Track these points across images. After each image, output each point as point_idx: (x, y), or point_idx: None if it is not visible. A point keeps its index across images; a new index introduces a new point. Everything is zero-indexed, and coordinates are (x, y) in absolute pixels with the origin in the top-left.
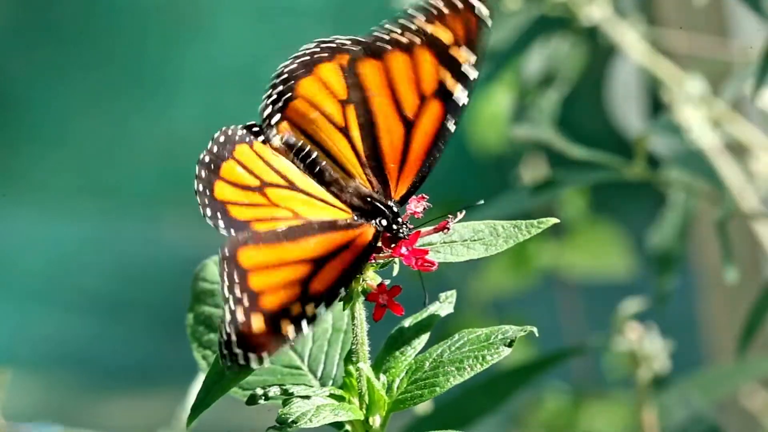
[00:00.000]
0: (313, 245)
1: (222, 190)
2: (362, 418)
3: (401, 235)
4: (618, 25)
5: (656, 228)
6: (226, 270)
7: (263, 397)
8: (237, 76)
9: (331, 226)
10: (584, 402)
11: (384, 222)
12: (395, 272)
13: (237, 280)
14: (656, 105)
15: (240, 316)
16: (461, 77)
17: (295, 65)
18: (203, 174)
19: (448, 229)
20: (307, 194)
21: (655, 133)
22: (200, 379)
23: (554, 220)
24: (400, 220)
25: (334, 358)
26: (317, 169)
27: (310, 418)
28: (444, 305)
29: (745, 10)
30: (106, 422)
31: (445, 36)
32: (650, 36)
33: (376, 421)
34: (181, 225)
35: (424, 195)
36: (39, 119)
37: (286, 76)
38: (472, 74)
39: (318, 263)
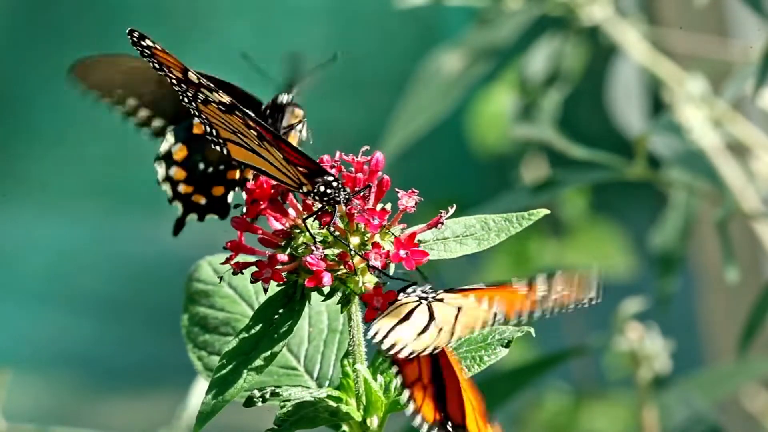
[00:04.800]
0: None
1: None
2: (360, 419)
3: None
4: (619, 25)
5: (658, 228)
6: None
7: (260, 399)
8: (236, 77)
9: None
10: (585, 402)
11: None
12: (392, 271)
13: None
14: (657, 105)
15: None
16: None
17: None
18: None
19: (442, 224)
20: None
21: (656, 133)
22: (200, 379)
23: (545, 211)
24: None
25: (330, 358)
26: None
27: (308, 419)
28: None
29: (745, 10)
30: (106, 422)
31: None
32: (651, 36)
33: (373, 422)
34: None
35: (414, 189)
36: (40, 119)
37: None
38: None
39: None
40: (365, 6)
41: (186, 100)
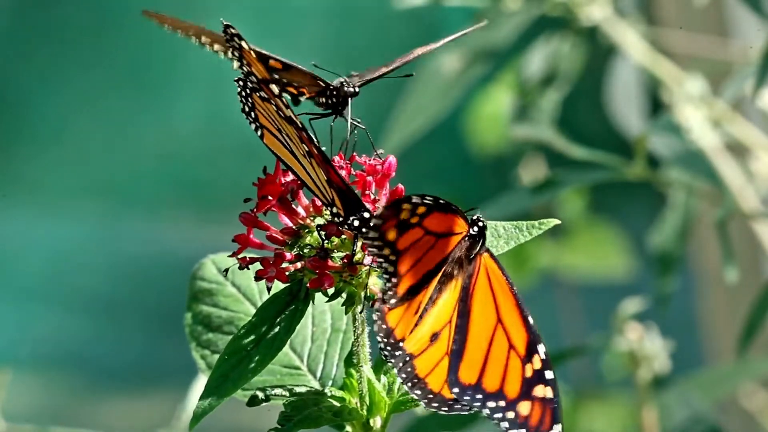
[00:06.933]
0: None
1: None
2: (363, 419)
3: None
4: (618, 25)
5: (657, 228)
6: None
7: (264, 399)
8: (237, 77)
9: None
10: (584, 402)
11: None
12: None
13: None
14: (656, 105)
15: None
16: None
17: None
18: None
19: None
20: None
21: (655, 133)
22: (200, 379)
23: (555, 221)
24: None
25: (333, 358)
26: None
27: (312, 419)
28: None
29: (745, 10)
30: (106, 422)
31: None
32: (650, 36)
33: (377, 422)
34: (181, 225)
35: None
36: (38, 119)
37: None
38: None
39: None
40: (365, 6)
41: (241, 82)
